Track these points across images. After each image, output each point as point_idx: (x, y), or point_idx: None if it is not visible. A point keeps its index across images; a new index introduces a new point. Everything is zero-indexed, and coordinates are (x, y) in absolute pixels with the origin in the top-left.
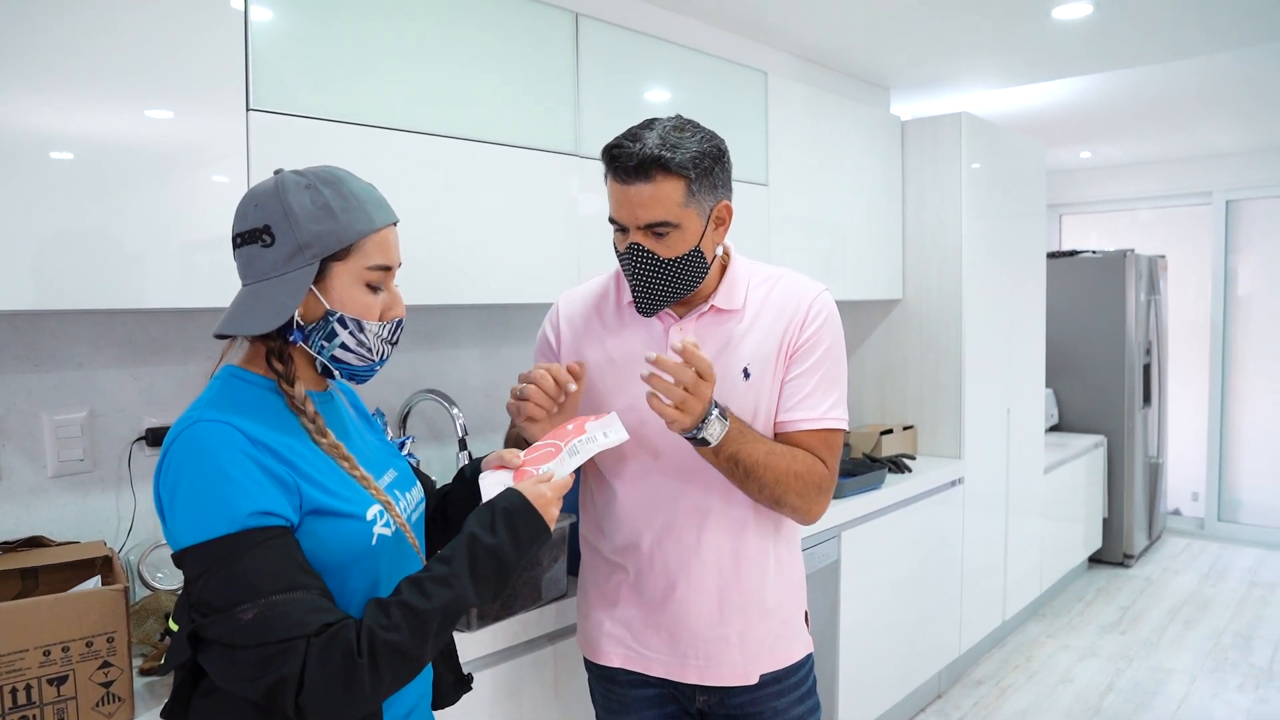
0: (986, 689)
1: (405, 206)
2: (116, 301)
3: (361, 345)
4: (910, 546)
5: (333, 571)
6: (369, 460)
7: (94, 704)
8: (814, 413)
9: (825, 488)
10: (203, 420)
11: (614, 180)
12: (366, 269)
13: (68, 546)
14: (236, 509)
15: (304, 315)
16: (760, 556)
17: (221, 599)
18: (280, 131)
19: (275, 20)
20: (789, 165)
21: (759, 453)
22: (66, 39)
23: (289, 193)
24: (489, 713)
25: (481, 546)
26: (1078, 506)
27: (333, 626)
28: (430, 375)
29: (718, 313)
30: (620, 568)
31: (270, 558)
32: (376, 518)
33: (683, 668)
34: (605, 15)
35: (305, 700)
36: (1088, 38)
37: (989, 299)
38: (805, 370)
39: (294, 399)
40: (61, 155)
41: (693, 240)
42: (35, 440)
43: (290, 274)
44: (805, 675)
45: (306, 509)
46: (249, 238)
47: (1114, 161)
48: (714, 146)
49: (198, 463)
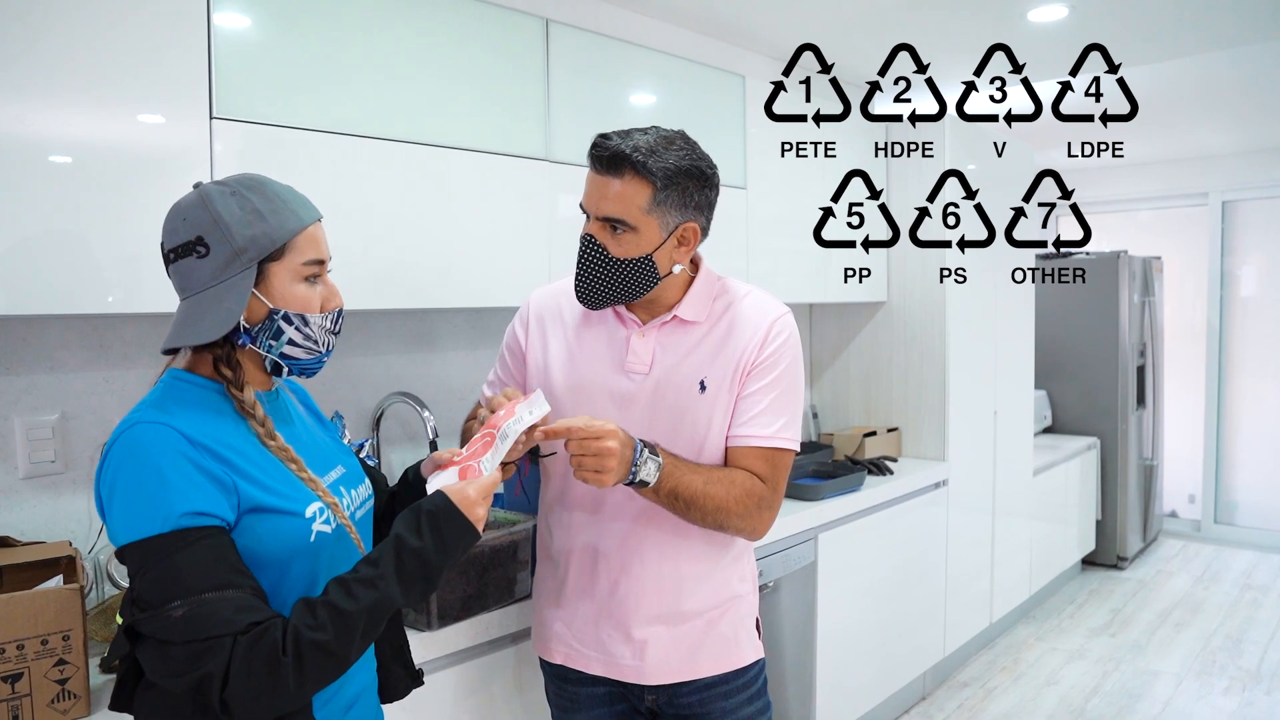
0: (971, 691)
1: (372, 212)
2: (85, 306)
3: (307, 339)
4: (892, 548)
5: (271, 567)
6: (315, 456)
7: (49, 701)
8: (764, 431)
9: (767, 505)
10: (142, 422)
11: (590, 168)
12: (301, 264)
13: (32, 546)
14: (170, 509)
15: (248, 318)
16: (703, 562)
17: (155, 596)
18: (245, 139)
19: (238, 28)
20: (768, 168)
21: (697, 483)
22: (29, 46)
23: (215, 202)
24: (451, 711)
25: (408, 549)
26: (1069, 509)
27: (260, 625)
28: (407, 378)
29: (680, 323)
30: (564, 566)
31: (202, 557)
32: (316, 515)
33: (620, 667)
34: (576, 21)
35: (230, 696)
36: (1065, 40)
37: (975, 302)
38: (760, 389)
39: (244, 404)
40: (28, 162)
41: (647, 248)
42: (6, 442)
43: (229, 280)
44: (754, 678)
45: (244, 507)
46: (183, 251)
47: (1108, 162)
48: (695, 167)
49: (136, 463)
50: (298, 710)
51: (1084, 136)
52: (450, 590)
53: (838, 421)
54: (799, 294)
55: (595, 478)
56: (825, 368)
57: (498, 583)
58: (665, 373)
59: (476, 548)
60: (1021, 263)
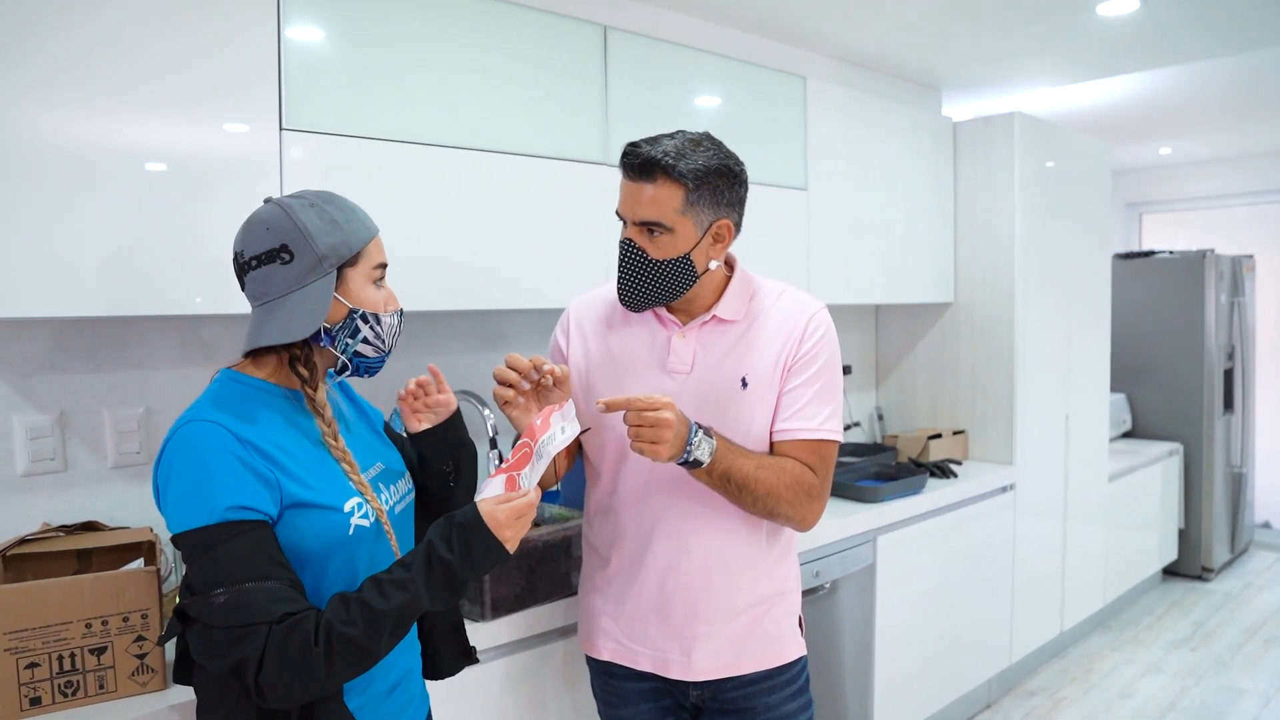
0: (1039, 700)
1: (435, 216)
2: (174, 308)
3: (378, 337)
4: (955, 552)
5: (311, 561)
6: (358, 456)
7: (130, 673)
8: (810, 423)
9: (816, 495)
10: (195, 420)
11: (623, 176)
12: (372, 269)
13: (117, 531)
14: (216, 503)
15: (329, 318)
16: (748, 559)
17: (201, 582)
18: (313, 149)
19: (307, 42)
20: (829, 169)
21: (749, 467)
22: (114, 59)
23: (298, 213)
24: (500, 701)
25: (437, 559)
26: (1149, 516)
27: (294, 616)
28: (471, 377)
29: (719, 322)
30: (611, 563)
31: (244, 548)
32: (355, 509)
33: (666, 663)
34: (634, 27)
35: (263, 680)
36: (1135, 34)
37: (1045, 302)
38: (802, 383)
39: (314, 403)
40: (124, 172)
41: (684, 247)
42: (97, 434)
43: (311, 284)
44: (797, 675)
45: (287, 502)
46: (266, 258)
47: (1196, 157)
48: (724, 165)
49: (187, 459)
50: (329, 697)
51: (1164, 131)
52: (504, 584)
53: (903, 424)
54: (863, 295)
55: (651, 449)
56: (891, 369)
57: (550, 577)
58: (707, 371)
59: (530, 543)
60: (1096, 264)
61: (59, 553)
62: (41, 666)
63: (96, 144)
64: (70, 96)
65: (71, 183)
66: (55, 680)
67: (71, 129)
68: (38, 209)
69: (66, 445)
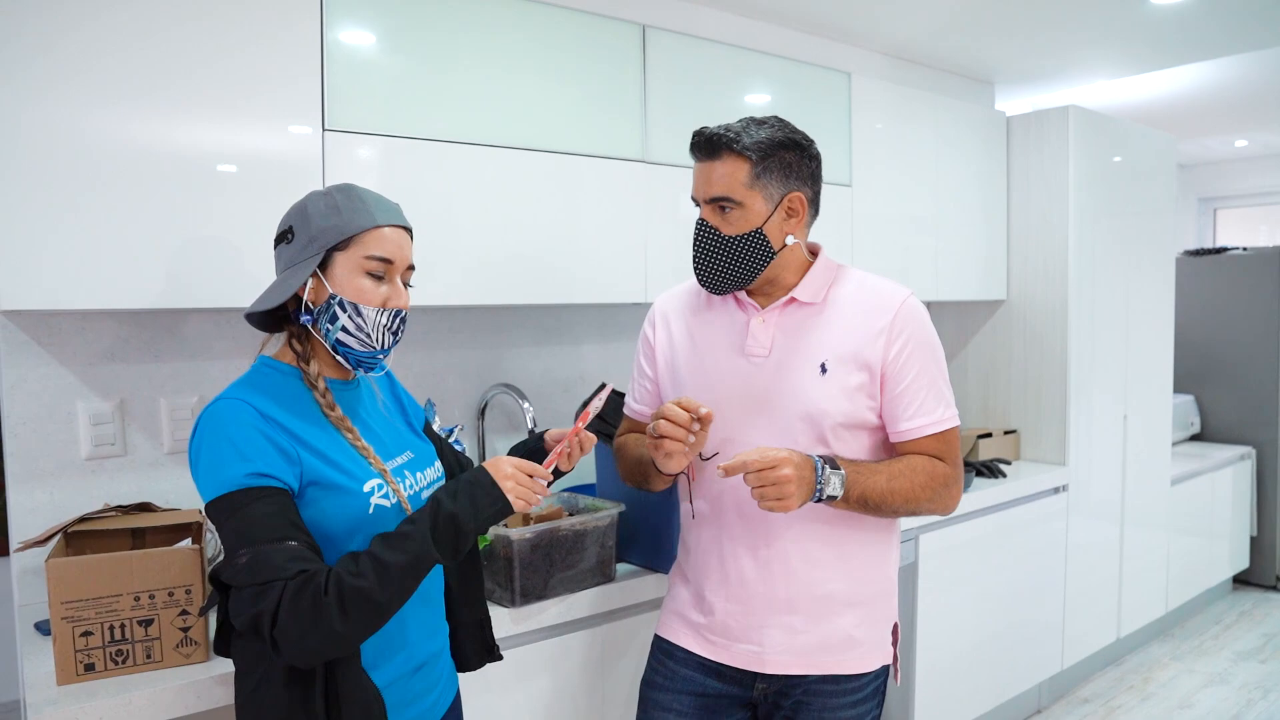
0: (1092, 708)
1: (471, 213)
2: (228, 301)
3: (360, 330)
4: (1002, 553)
5: (334, 540)
6: (384, 441)
7: (175, 645)
8: (931, 418)
9: (952, 482)
10: (223, 398)
11: (693, 160)
12: (364, 258)
13: (170, 512)
14: (237, 470)
15: (312, 299)
16: (838, 555)
17: (228, 545)
18: (355, 149)
19: (350, 43)
20: (874, 165)
21: (881, 482)
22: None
23: (309, 199)
24: (527, 686)
25: (443, 512)
26: (1217, 522)
27: (307, 572)
28: (507, 371)
29: (799, 305)
30: (703, 552)
31: (263, 512)
32: (375, 490)
33: (742, 653)
34: (673, 25)
35: (278, 633)
36: (1189, 23)
37: (1102, 300)
38: (913, 379)
39: (307, 374)
40: (178, 173)
41: (755, 221)
42: (154, 421)
43: (301, 263)
44: (868, 682)
45: (307, 479)
46: (279, 239)
47: (1275, 149)
48: (790, 138)
49: (213, 433)
50: (347, 658)
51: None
52: (534, 571)
53: None
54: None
55: (779, 505)
56: None
57: (581, 566)
58: (785, 355)
59: (562, 531)
60: (1159, 261)
61: (116, 530)
62: (94, 635)
63: (154, 146)
64: (131, 101)
65: (132, 183)
66: (107, 649)
67: (133, 132)
68: (102, 208)
69: (126, 431)
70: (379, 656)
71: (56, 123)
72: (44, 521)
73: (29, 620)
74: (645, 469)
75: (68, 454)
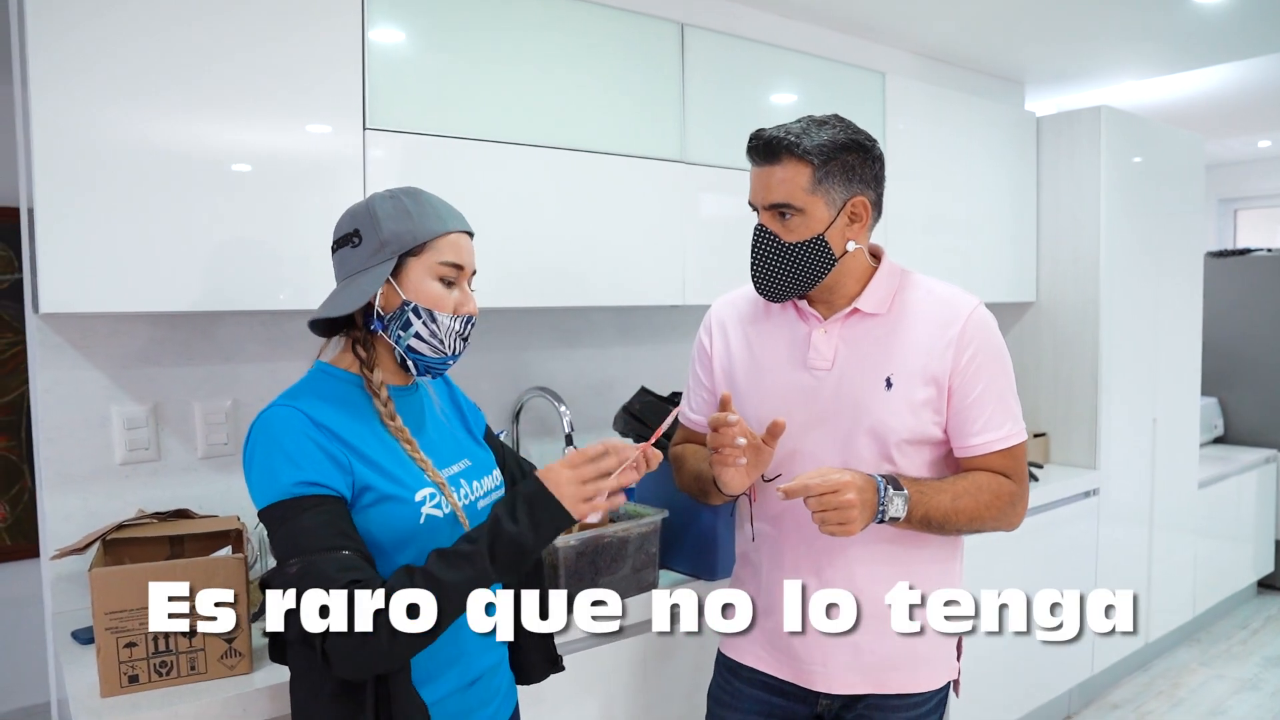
0: (1122, 714)
1: (513, 214)
2: (260, 303)
3: (434, 336)
4: (1032, 556)
5: (385, 550)
6: (440, 449)
7: (219, 656)
8: (999, 433)
9: (1018, 499)
10: (276, 405)
11: (750, 163)
12: (438, 264)
13: (208, 519)
14: (287, 479)
15: (384, 305)
16: (903, 578)
17: (279, 554)
18: (395, 148)
19: (390, 43)
20: (907, 165)
21: (945, 501)
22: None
23: (375, 203)
24: (571, 694)
25: (503, 531)
26: (1243, 526)
27: (359, 584)
28: (547, 373)
29: (861, 316)
30: (765, 571)
31: (315, 521)
32: (427, 499)
33: (806, 672)
34: (711, 24)
35: (329, 647)
36: (1233, 22)
37: (1132, 302)
38: (980, 392)
39: (371, 382)
40: (214, 173)
41: (817, 227)
42: (187, 425)
43: (372, 268)
44: (931, 695)
45: (359, 486)
46: (342, 242)
47: None
48: (853, 140)
49: (265, 441)
50: (395, 672)
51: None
52: (580, 579)
53: None
54: None
55: (842, 529)
56: None
57: (625, 573)
58: (849, 368)
59: (605, 538)
60: (1187, 262)
61: (153, 538)
62: (138, 646)
63: (191, 147)
64: (168, 104)
65: (168, 185)
66: (151, 660)
67: (170, 133)
68: (138, 210)
69: (160, 436)
70: (434, 670)
71: (95, 126)
72: (78, 528)
73: (63, 628)
74: (704, 484)
75: (102, 459)
